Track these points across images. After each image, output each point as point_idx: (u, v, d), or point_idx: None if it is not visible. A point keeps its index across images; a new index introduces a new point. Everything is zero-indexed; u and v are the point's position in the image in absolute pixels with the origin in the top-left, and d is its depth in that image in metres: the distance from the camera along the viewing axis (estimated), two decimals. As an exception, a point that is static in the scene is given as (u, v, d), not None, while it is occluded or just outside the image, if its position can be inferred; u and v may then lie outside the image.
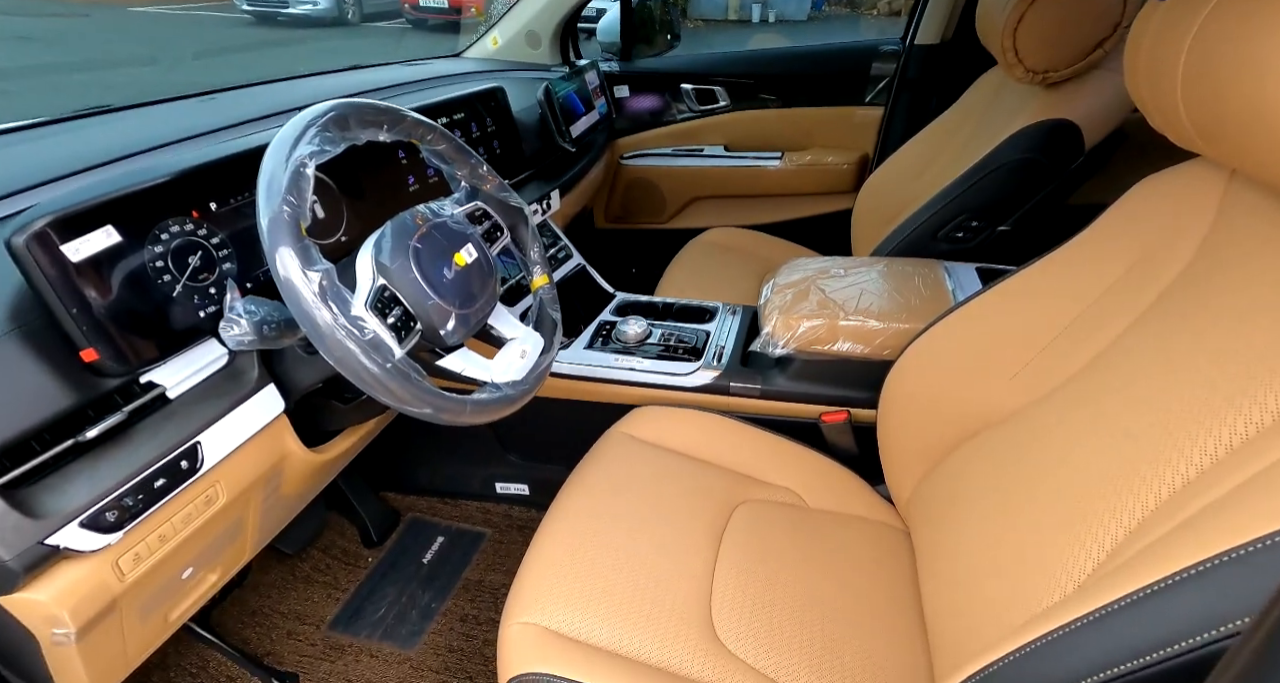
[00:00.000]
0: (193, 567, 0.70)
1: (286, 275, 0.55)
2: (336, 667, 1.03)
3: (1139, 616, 0.41)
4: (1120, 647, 0.41)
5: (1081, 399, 0.67)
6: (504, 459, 1.33)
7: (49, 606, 0.52)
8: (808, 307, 1.08)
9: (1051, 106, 1.14)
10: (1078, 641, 0.44)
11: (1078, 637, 0.44)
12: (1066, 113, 1.12)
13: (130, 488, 0.57)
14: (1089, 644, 0.43)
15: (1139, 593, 0.41)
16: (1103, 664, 0.41)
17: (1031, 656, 0.46)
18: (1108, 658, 0.41)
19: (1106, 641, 0.42)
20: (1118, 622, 0.42)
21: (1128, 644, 0.40)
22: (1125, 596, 0.42)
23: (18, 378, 0.53)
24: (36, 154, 0.81)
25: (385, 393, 0.61)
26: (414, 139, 0.75)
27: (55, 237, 0.54)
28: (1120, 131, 1.16)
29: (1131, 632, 0.41)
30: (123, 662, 0.65)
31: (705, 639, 0.74)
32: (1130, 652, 0.40)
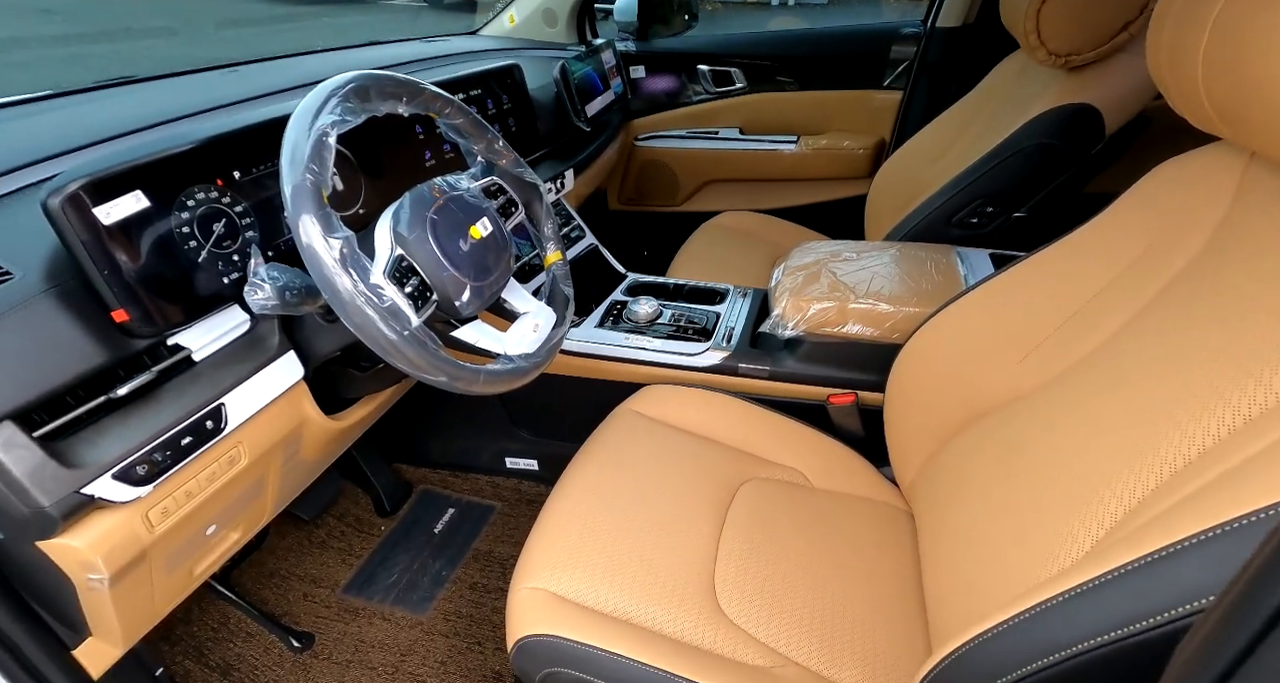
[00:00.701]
0: (216, 524, 0.73)
1: (309, 242, 0.57)
2: (350, 628, 1.07)
3: (1128, 587, 0.42)
4: (1110, 616, 0.42)
5: (1089, 383, 0.67)
6: (514, 435, 1.36)
7: (84, 552, 0.55)
8: (818, 289, 1.09)
9: (1073, 90, 1.12)
10: (1070, 610, 0.45)
11: (1070, 606, 0.45)
12: (1088, 97, 1.10)
13: (159, 444, 0.60)
14: (1081, 614, 0.44)
15: (1129, 565, 0.42)
16: (1093, 632, 0.42)
17: (1026, 623, 0.47)
18: (1098, 627, 0.42)
19: (1098, 610, 0.43)
20: (1108, 593, 0.43)
21: (1117, 614, 0.42)
22: (1117, 567, 0.43)
23: (54, 335, 0.55)
24: (67, 122, 0.83)
25: (402, 360, 0.62)
26: (432, 112, 0.76)
27: (88, 199, 0.56)
28: (1143, 117, 1.15)
29: (1121, 602, 0.42)
30: (150, 611, 0.69)
31: (708, 609, 0.76)
32: (1119, 621, 0.41)
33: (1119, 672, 0.41)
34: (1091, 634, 0.42)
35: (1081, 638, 0.43)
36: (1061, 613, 0.45)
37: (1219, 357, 0.54)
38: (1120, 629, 0.41)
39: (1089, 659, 0.42)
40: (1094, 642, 0.42)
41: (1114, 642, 0.41)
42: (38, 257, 0.58)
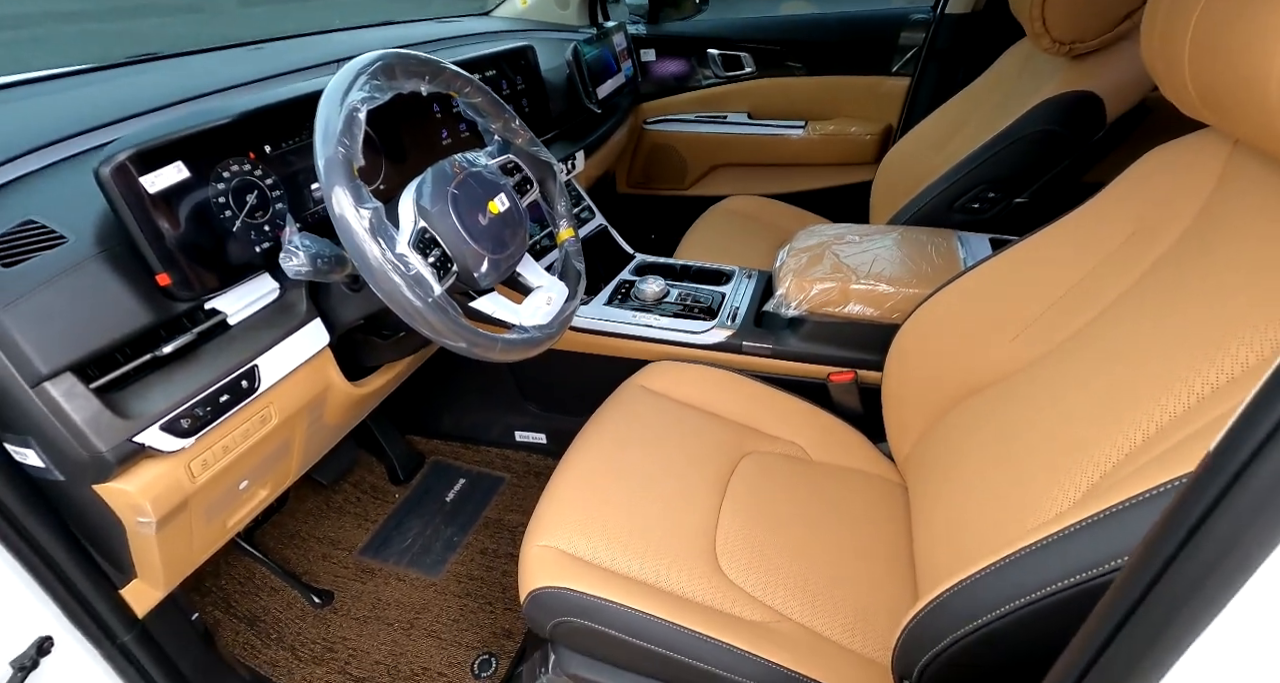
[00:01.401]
0: (247, 479, 0.77)
1: (341, 212, 0.61)
2: (368, 587, 1.12)
3: (1076, 543, 0.46)
4: (1062, 567, 0.46)
5: (1074, 358, 0.71)
6: (524, 408, 1.40)
7: (135, 496, 0.60)
8: (821, 270, 1.12)
9: (1076, 78, 1.14)
10: (1034, 560, 0.49)
11: (1034, 558, 0.49)
12: (1091, 85, 1.12)
13: (200, 400, 0.64)
14: (1044, 564, 0.48)
15: (1079, 525, 0.47)
16: (1047, 581, 0.47)
17: (999, 571, 0.51)
18: (1050, 577, 0.47)
19: (1055, 561, 0.47)
20: (1063, 547, 0.47)
21: (1068, 566, 0.46)
22: (1071, 525, 0.47)
23: (104, 296, 0.59)
24: (103, 95, 0.86)
25: (425, 326, 0.66)
26: (452, 91, 0.79)
27: (134, 169, 0.59)
28: (1143, 106, 1.17)
29: (1071, 556, 0.46)
30: (189, 558, 0.74)
31: (709, 570, 0.81)
32: (1069, 571, 0.46)
33: (1070, 616, 0.46)
34: (1046, 583, 0.47)
35: (1041, 585, 0.47)
36: (1027, 563, 0.50)
37: (1194, 335, 0.57)
38: (1066, 579, 0.46)
39: (1046, 604, 0.47)
40: (1049, 589, 0.47)
41: (1063, 590, 0.46)
42: (87, 222, 0.62)
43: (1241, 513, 0.26)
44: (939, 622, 0.55)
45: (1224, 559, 0.26)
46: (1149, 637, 0.29)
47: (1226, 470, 0.27)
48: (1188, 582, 0.27)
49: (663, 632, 0.71)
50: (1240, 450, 0.26)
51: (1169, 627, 0.28)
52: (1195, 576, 0.27)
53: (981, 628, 0.51)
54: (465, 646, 1.04)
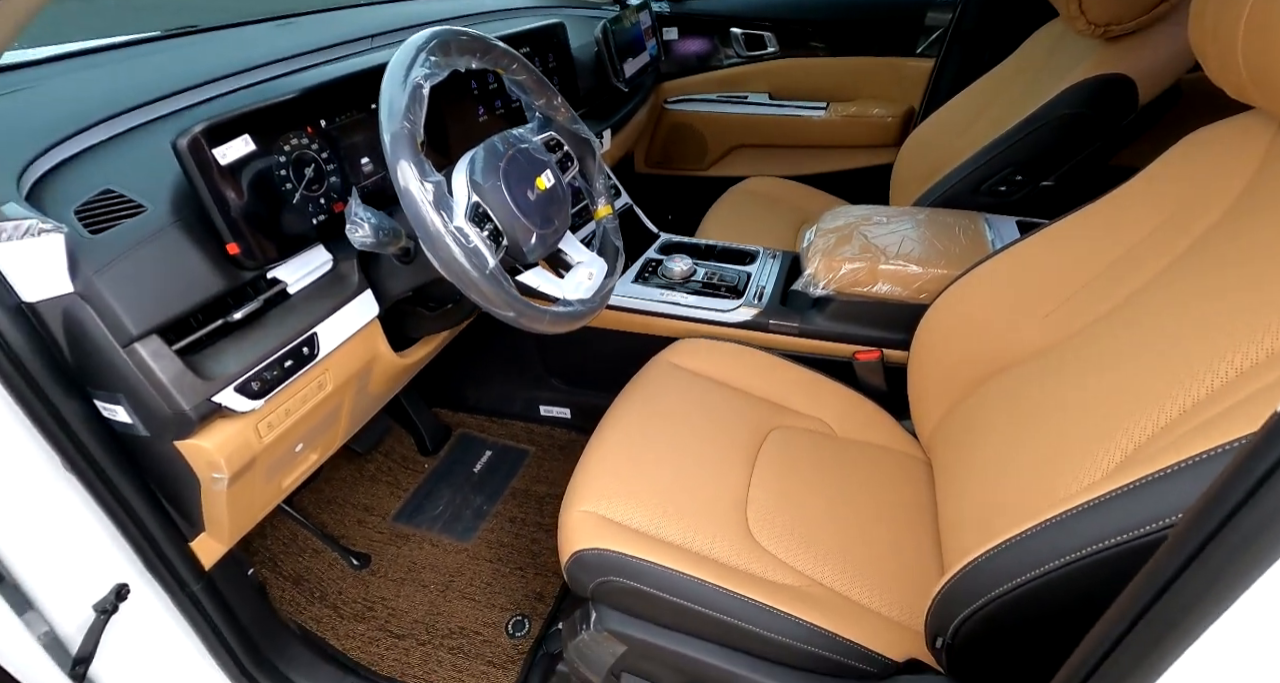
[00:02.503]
0: (302, 443, 0.81)
1: (406, 185, 0.63)
2: (402, 551, 1.17)
3: (1117, 507, 0.49)
4: (1103, 530, 0.49)
5: (1108, 337, 0.73)
6: (548, 383, 1.43)
7: (212, 453, 0.63)
8: (850, 250, 1.14)
9: (1109, 61, 1.15)
10: (1072, 524, 0.52)
11: (1072, 521, 0.52)
12: (1124, 67, 1.13)
13: (268, 364, 0.67)
14: (1081, 527, 0.51)
15: (1120, 490, 0.49)
16: (1087, 542, 0.50)
17: (1031, 538, 0.54)
18: (1091, 538, 0.50)
19: (1094, 524, 0.50)
20: (1101, 512, 0.50)
21: (1110, 528, 0.49)
22: (1110, 491, 0.50)
23: (182, 263, 0.62)
24: (156, 67, 0.88)
25: (480, 295, 0.69)
26: (499, 68, 0.81)
27: (206, 142, 0.62)
28: (1176, 89, 1.17)
29: (1112, 519, 0.49)
30: (250, 514, 0.77)
31: (741, 536, 0.84)
32: (1111, 533, 0.48)
33: (1103, 577, 0.49)
34: (1084, 545, 0.50)
35: (1079, 546, 0.50)
36: (1065, 527, 0.53)
37: (1234, 313, 0.59)
38: (1103, 541, 0.49)
39: (1081, 565, 0.50)
40: (1086, 550, 0.50)
41: (1098, 552, 0.49)
42: (162, 192, 0.64)
43: None
44: (977, 581, 0.58)
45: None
46: (1203, 587, 0.32)
47: None
48: (1244, 536, 0.30)
49: (700, 590, 0.75)
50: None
51: (1223, 577, 0.31)
52: (1252, 530, 0.30)
53: (1019, 587, 0.55)
54: (499, 607, 1.09)
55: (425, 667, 1.00)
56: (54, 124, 0.67)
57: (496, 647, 1.03)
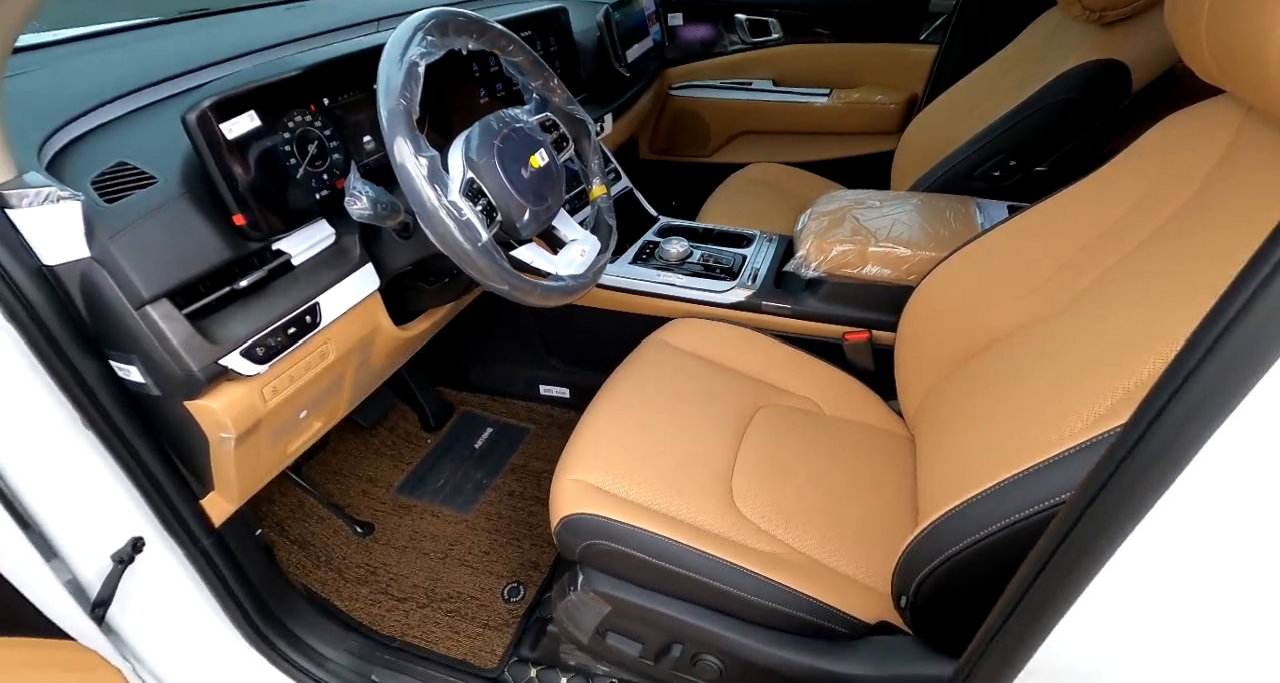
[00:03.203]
0: (306, 409, 0.85)
1: (401, 160, 0.66)
2: (405, 521, 1.21)
3: (1036, 479, 0.54)
4: (1025, 499, 0.54)
5: (1075, 317, 0.75)
6: (548, 363, 1.47)
7: (219, 412, 0.67)
8: (842, 233, 1.16)
9: (1103, 46, 1.15)
10: (1006, 492, 0.56)
11: (1005, 490, 0.57)
12: (1118, 53, 1.13)
13: (272, 331, 0.71)
14: (1012, 495, 0.56)
15: (1043, 463, 0.53)
16: (1015, 510, 0.54)
17: (991, 496, 0.57)
18: (1017, 506, 0.55)
19: (1021, 494, 0.55)
20: (1027, 482, 0.55)
21: (1029, 498, 0.54)
22: (1036, 463, 0.53)
23: (190, 232, 0.66)
24: (170, 48, 0.91)
25: (473, 269, 0.72)
26: (496, 49, 0.83)
27: (214, 116, 0.65)
28: (1171, 75, 1.17)
29: (1032, 490, 0.54)
30: (256, 476, 0.82)
31: (725, 506, 0.87)
32: (1029, 503, 0.53)
33: (1029, 541, 0.52)
34: (1025, 506, 0.54)
35: (1021, 508, 0.54)
36: (1012, 490, 0.56)
37: (1195, 291, 0.61)
38: (1039, 505, 0.53)
39: (1025, 525, 0.54)
40: (1028, 511, 0.54)
41: (1036, 513, 0.53)
42: (172, 165, 0.68)
43: (1145, 461, 0.34)
44: (936, 541, 0.61)
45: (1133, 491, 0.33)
46: (1081, 549, 0.37)
47: (1139, 425, 0.34)
48: (1108, 508, 0.34)
49: (682, 554, 0.78)
50: (1148, 411, 0.33)
51: (1097, 541, 0.36)
52: (1108, 514, 0.34)
53: (972, 545, 0.58)
54: (495, 574, 1.13)
55: (424, 628, 1.04)
56: (72, 100, 0.71)
57: (492, 611, 1.08)
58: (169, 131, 0.67)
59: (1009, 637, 0.42)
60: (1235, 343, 0.31)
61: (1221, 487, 0.32)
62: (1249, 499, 0.31)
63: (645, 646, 0.85)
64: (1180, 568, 0.34)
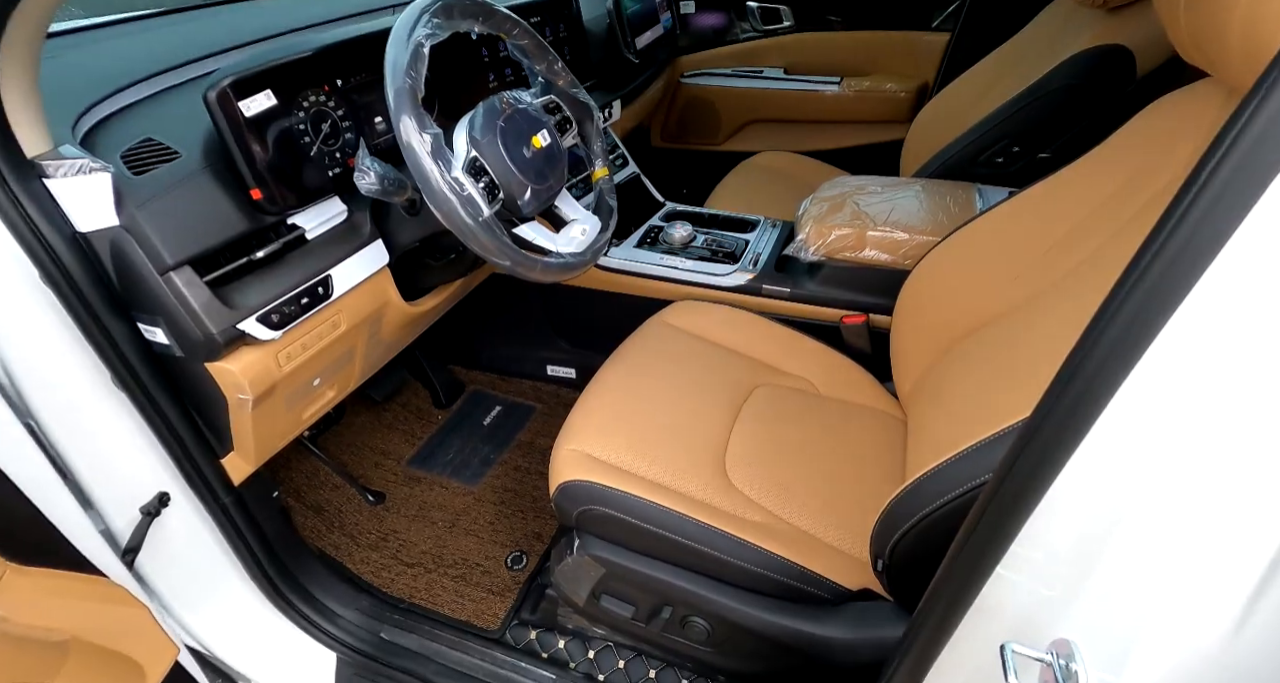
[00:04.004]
0: (319, 378, 0.89)
1: (407, 138, 0.70)
2: (415, 492, 1.27)
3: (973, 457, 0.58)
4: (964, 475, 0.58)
5: (1058, 299, 0.77)
6: (555, 345, 1.51)
7: (237, 375, 0.72)
8: (841, 217, 1.17)
9: (1109, 31, 1.15)
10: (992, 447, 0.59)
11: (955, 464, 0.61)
12: (1122, 38, 1.13)
13: (287, 300, 0.75)
14: (960, 469, 0.60)
15: (983, 441, 0.57)
16: (956, 484, 0.58)
17: (964, 458, 0.60)
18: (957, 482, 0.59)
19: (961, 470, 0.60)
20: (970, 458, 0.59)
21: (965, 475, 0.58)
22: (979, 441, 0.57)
23: (211, 204, 0.70)
24: (193, 33, 0.96)
25: (476, 243, 0.75)
26: (502, 33, 0.87)
27: (233, 95, 0.69)
28: (1177, 61, 1.16)
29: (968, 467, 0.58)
30: (272, 439, 0.86)
31: (717, 477, 0.90)
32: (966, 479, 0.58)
33: None
34: (982, 474, 0.57)
35: (977, 475, 0.58)
36: (983, 452, 0.59)
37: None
38: (959, 488, 0.58)
39: (955, 505, 0.58)
40: (982, 479, 0.58)
41: (956, 498, 0.58)
42: (195, 141, 0.72)
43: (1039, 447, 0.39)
44: (911, 503, 0.64)
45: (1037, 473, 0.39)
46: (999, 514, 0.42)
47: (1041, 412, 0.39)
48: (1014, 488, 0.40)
49: (674, 520, 0.82)
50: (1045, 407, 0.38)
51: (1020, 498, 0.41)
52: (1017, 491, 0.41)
53: (942, 507, 0.60)
54: (500, 544, 1.18)
55: (431, 591, 1.09)
56: (103, 81, 0.76)
57: (496, 578, 1.12)
58: (192, 110, 0.72)
59: (954, 582, 0.45)
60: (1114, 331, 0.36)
61: (1114, 458, 0.36)
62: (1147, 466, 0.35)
63: (637, 608, 0.89)
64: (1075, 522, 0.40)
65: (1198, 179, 0.32)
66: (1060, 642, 0.40)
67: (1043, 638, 0.41)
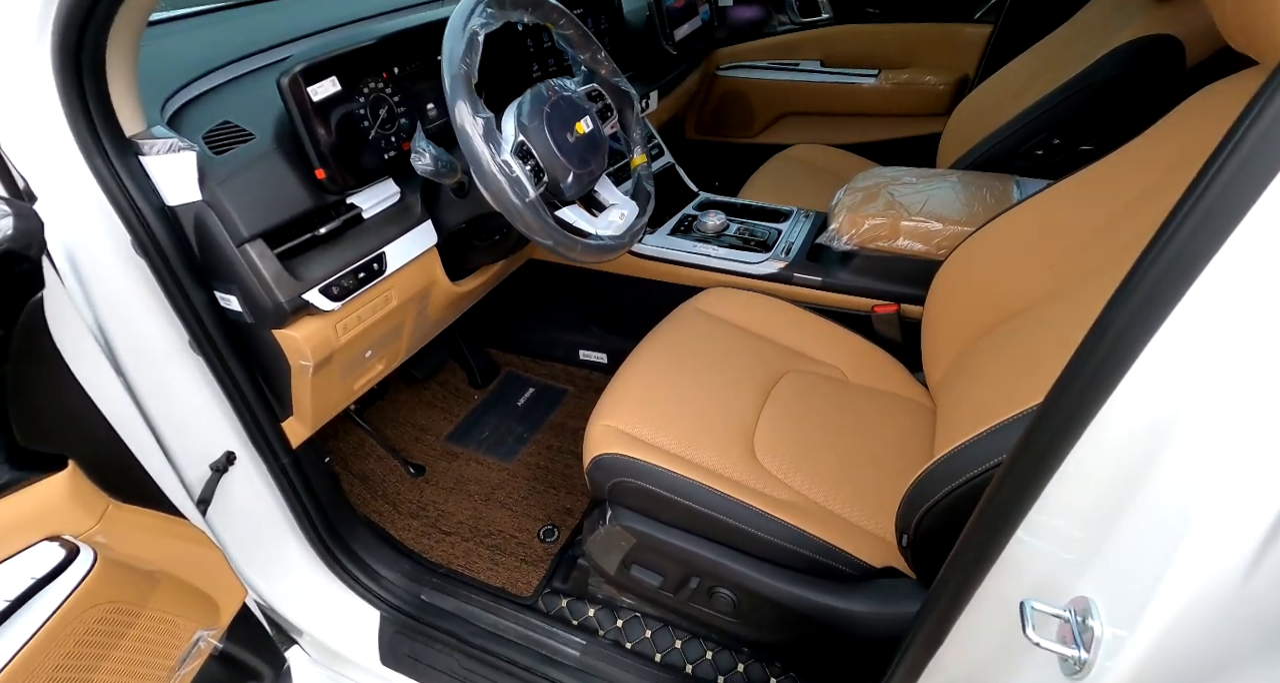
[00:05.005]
0: (371, 350, 0.95)
1: (461, 120, 0.74)
2: (453, 466, 1.32)
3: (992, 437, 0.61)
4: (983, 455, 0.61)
5: (1095, 289, 0.77)
6: (588, 330, 1.55)
7: (301, 342, 0.77)
8: (875, 207, 1.18)
9: (1159, 21, 1.13)
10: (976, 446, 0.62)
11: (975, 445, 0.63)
12: (1171, 27, 1.11)
13: (346, 273, 0.80)
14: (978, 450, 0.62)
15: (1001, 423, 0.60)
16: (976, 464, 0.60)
17: (989, 436, 0.62)
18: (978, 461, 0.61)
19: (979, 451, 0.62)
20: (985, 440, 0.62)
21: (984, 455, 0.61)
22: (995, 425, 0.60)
23: (281, 182, 0.75)
24: (266, 23, 1.02)
25: (522, 223, 0.79)
26: (549, 22, 0.90)
27: (303, 80, 0.74)
28: (1229, 51, 1.14)
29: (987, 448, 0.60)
30: (326, 405, 0.92)
31: (745, 456, 0.93)
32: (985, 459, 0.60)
33: None
34: (981, 462, 0.59)
35: (1004, 451, 0.58)
36: (1002, 433, 0.61)
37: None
38: (986, 464, 0.60)
39: (979, 481, 0.60)
40: (976, 471, 0.60)
41: (982, 473, 0.60)
42: (267, 124, 0.78)
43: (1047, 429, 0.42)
44: (938, 478, 0.65)
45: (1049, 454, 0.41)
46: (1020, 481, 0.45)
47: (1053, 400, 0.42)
48: None
49: (703, 494, 0.85)
50: None
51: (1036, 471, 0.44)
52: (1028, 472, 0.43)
53: (968, 482, 0.62)
54: (532, 517, 1.23)
55: (468, 559, 1.15)
56: (188, 68, 0.82)
57: (529, 549, 1.17)
58: (263, 95, 0.77)
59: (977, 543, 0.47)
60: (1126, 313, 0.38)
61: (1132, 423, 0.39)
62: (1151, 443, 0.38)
63: (665, 578, 0.93)
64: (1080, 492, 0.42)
65: (1208, 171, 0.34)
66: (1079, 599, 0.42)
67: (1061, 597, 0.43)
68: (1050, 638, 0.41)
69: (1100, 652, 0.38)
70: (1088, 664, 0.38)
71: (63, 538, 0.50)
